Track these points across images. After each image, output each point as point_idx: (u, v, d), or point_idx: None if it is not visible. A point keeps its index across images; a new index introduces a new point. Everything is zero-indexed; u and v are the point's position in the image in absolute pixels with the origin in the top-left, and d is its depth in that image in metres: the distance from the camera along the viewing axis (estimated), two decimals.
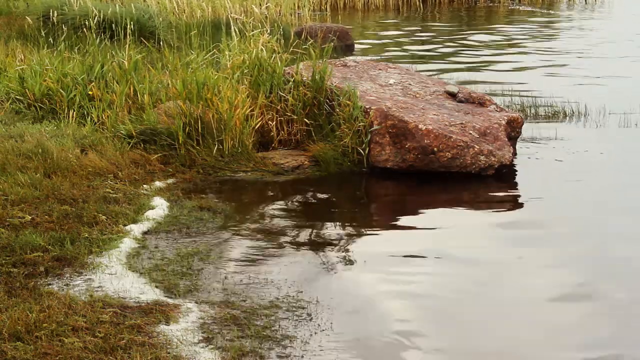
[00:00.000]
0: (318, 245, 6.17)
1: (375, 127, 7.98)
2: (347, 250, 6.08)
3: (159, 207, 6.63)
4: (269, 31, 9.63)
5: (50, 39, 11.66)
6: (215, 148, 7.99)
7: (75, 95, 8.93)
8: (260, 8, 15.60)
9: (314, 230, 6.49)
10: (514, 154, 8.30)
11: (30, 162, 7.12)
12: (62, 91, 8.96)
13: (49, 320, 4.46)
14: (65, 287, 5.05)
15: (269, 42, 9.09)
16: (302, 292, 5.26)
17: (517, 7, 26.52)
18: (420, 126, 7.87)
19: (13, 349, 4.17)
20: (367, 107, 8.10)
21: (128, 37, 10.74)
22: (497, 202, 7.44)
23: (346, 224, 6.74)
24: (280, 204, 7.24)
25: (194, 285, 5.26)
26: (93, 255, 5.54)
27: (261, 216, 6.89)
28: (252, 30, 9.50)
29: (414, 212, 7.21)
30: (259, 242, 6.18)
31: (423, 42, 18.04)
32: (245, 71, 8.79)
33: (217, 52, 9.74)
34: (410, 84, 9.16)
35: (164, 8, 16.07)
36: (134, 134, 8.04)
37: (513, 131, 8.38)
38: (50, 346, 4.23)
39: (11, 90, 9.28)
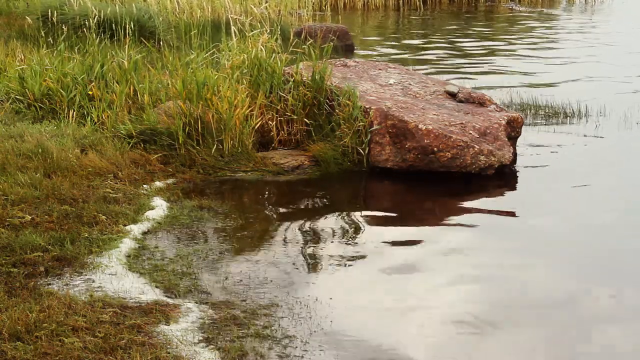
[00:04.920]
0: (318, 245, 6.17)
1: (375, 127, 7.98)
2: (347, 250, 6.08)
3: (159, 207, 6.63)
4: (268, 31, 9.63)
5: (50, 39, 11.65)
6: (215, 148, 7.99)
7: (75, 95, 8.93)
8: (260, 8, 15.59)
9: (314, 230, 6.49)
10: (514, 153, 8.30)
11: (30, 162, 7.12)
12: (62, 91, 8.96)
13: (49, 320, 4.46)
14: (65, 287, 5.05)
15: (268, 42, 9.09)
16: (302, 291, 5.26)
17: (517, 7, 26.52)
18: (420, 126, 7.87)
19: (13, 349, 4.17)
20: (367, 107, 8.10)
21: (128, 37, 10.74)
22: (497, 202, 7.43)
23: (346, 224, 6.74)
24: (280, 204, 7.24)
25: (194, 285, 5.26)
26: (93, 255, 5.54)
27: (261, 216, 6.89)
28: (252, 30, 9.50)
29: (414, 212, 7.21)
30: (259, 242, 6.18)
31: (423, 42, 18.04)
32: (245, 71, 8.79)
33: (216, 52, 9.74)
34: (410, 84, 9.16)
35: (164, 8, 16.07)
36: (134, 134, 8.04)
37: (513, 131, 8.38)
38: (50, 346, 4.23)
39: (11, 90, 9.28)
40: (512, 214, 7.13)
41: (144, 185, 7.21)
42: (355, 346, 4.62)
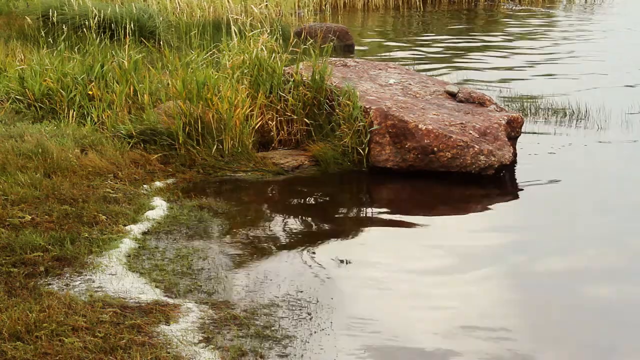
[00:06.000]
0: (318, 245, 6.17)
1: (375, 127, 7.98)
2: (347, 250, 6.08)
3: (159, 207, 6.63)
4: (268, 31, 9.62)
5: (50, 39, 11.66)
6: (215, 148, 7.99)
7: (75, 95, 8.93)
8: (260, 8, 15.60)
9: (314, 230, 6.49)
10: (514, 154, 8.30)
11: (30, 162, 7.12)
12: (62, 91, 8.96)
13: (49, 320, 4.46)
14: (65, 287, 5.05)
15: (268, 42, 9.09)
16: (301, 291, 5.26)
17: (517, 7, 26.53)
18: (420, 126, 7.87)
19: (13, 349, 4.17)
20: (367, 107, 8.10)
21: (128, 37, 10.74)
22: (497, 202, 7.43)
23: (346, 224, 6.74)
24: (280, 204, 7.24)
25: (194, 285, 5.26)
26: (93, 255, 5.54)
27: (261, 216, 6.89)
28: (252, 30, 9.50)
29: (414, 212, 7.21)
30: (258, 242, 6.18)
31: (423, 42, 18.04)
32: (245, 71, 8.79)
33: (217, 52, 9.75)
34: (410, 84, 9.16)
35: (164, 8, 16.08)
36: (134, 133, 8.04)
37: (513, 131, 8.38)
38: (50, 346, 4.23)
39: (11, 90, 9.28)
40: (511, 214, 7.13)
41: (144, 185, 7.21)
42: (353, 346, 4.62)
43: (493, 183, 7.79)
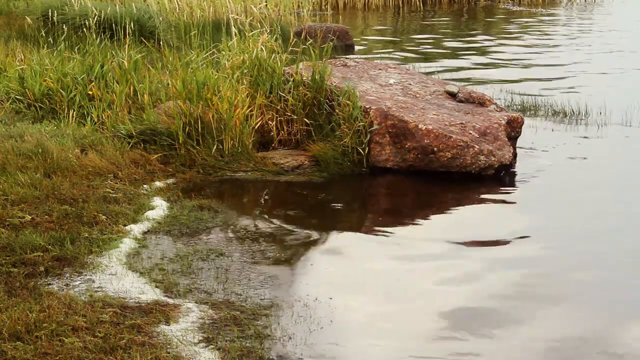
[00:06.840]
0: (318, 245, 6.17)
1: (375, 126, 7.98)
2: (347, 250, 6.08)
3: (159, 207, 6.63)
4: (268, 31, 9.62)
5: (50, 39, 11.66)
6: (215, 148, 7.99)
7: (75, 95, 8.93)
8: (260, 8, 15.60)
9: (314, 230, 6.49)
10: (514, 154, 8.30)
11: (30, 162, 7.12)
12: (62, 91, 8.97)
13: (49, 320, 4.46)
14: (65, 287, 5.05)
15: (268, 42, 9.09)
16: (302, 291, 5.26)
17: (517, 7, 26.54)
18: (420, 126, 7.87)
19: (13, 349, 4.17)
20: (367, 107, 8.10)
21: (128, 37, 10.74)
22: (497, 202, 7.43)
23: (346, 224, 6.74)
24: (280, 204, 7.24)
25: (194, 285, 5.26)
26: (93, 255, 5.54)
27: (261, 216, 6.89)
28: (252, 30, 9.50)
29: (414, 212, 7.21)
30: (258, 242, 6.18)
31: (423, 42, 18.05)
32: (245, 71, 8.79)
33: (216, 52, 9.75)
34: (410, 84, 9.16)
35: (164, 8, 16.08)
36: (134, 133, 8.05)
37: (513, 131, 8.38)
38: (50, 346, 4.23)
39: (11, 90, 9.28)
40: (511, 214, 7.13)
41: (144, 185, 7.21)
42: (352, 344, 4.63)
43: (493, 183, 7.78)
